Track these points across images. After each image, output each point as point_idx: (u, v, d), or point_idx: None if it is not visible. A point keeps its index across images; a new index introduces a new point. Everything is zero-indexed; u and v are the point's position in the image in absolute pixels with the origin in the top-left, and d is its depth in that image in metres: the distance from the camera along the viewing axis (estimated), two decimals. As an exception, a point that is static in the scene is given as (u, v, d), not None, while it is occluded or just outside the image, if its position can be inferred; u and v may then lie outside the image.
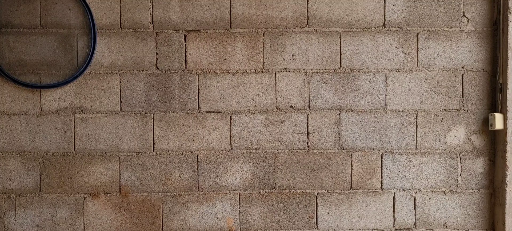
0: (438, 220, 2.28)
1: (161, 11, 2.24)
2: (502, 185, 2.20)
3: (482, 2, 2.25)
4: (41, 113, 2.25)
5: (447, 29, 2.25)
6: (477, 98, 2.26)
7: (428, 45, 2.25)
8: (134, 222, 2.28)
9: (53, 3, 2.24)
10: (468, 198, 2.28)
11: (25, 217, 2.28)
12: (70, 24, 2.24)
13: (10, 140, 2.26)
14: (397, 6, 2.23)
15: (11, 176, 2.27)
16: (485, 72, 2.26)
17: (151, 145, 2.27)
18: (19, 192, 2.27)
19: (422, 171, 2.27)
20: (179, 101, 2.25)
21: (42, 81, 2.24)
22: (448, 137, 2.26)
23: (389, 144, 2.26)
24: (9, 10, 2.24)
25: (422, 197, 2.28)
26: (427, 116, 2.26)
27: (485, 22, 2.25)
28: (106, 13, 2.24)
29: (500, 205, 2.22)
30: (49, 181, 2.27)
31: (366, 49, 2.25)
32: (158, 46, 2.25)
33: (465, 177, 2.27)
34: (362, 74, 2.24)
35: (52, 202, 2.27)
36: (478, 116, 2.26)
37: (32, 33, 2.24)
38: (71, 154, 2.26)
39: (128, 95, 2.25)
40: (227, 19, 2.25)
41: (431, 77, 2.26)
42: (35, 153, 2.26)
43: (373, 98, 2.24)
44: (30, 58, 2.24)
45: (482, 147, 2.27)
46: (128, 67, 2.24)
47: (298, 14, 2.24)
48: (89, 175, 2.27)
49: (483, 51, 2.25)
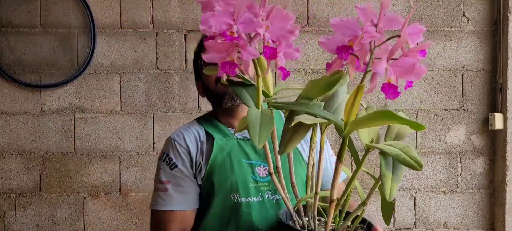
0: (438, 219, 2.28)
1: (161, 11, 2.24)
2: (502, 185, 2.20)
3: (482, 2, 2.25)
4: (41, 113, 2.25)
5: (447, 29, 2.25)
6: (477, 98, 2.26)
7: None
8: (134, 222, 2.28)
9: (53, 3, 2.24)
10: (468, 197, 2.28)
11: (25, 217, 2.28)
12: (70, 24, 2.24)
13: (10, 139, 2.26)
14: (397, 6, 2.23)
15: (11, 176, 2.27)
16: (485, 72, 2.26)
17: (151, 145, 2.27)
18: (19, 192, 2.27)
19: (422, 171, 2.27)
20: (179, 101, 2.25)
21: (42, 81, 2.24)
22: (448, 137, 2.27)
23: (389, 143, 2.25)
24: (9, 10, 2.24)
25: (422, 197, 2.28)
26: (427, 115, 2.26)
27: (485, 22, 2.25)
28: (106, 13, 2.24)
29: (500, 205, 2.22)
30: (49, 180, 2.27)
31: (366, 49, 2.24)
32: (158, 46, 2.25)
33: (465, 177, 2.28)
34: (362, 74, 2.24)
35: (52, 202, 2.27)
36: (478, 116, 2.26)
37: (32, 33, 2.24)
38: (71, 154, 2.26)
39: (128, 95, 2.25)
40: (227, 19, 2.24)
41: (431, 77, 2.26)
42: (35, 152, 2.26)
43: (373, 98, 2.24)
44: (30, 58, 2.24)
45: (482, 147, 2.27)
46: (128, 67, 2.24)
47: (298, 13, 2.24)
48: (89, 174, 2.27)
49: (483, 51, 2.25)
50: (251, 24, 0.75)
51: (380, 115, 0.77)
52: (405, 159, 0.75)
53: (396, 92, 0.72)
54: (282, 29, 0.78)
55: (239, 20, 0.75)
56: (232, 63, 0.77)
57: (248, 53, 0.76)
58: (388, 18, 0.74)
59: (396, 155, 0.76)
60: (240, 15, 0.75)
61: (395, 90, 0.72)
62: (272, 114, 0.80)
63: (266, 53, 0.76)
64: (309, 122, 0.78)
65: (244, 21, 0.75)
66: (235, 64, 0.77)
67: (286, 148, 0.81)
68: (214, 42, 0.75)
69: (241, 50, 0.76)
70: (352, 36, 0.72)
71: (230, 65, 0.77)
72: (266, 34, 0.76)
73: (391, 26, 0.75)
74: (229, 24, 0.75)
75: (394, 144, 0.80)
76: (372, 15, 0.74)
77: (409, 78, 0.73)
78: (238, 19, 0.75)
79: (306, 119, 0.78)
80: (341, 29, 0.73)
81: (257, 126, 0.77)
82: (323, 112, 0.80)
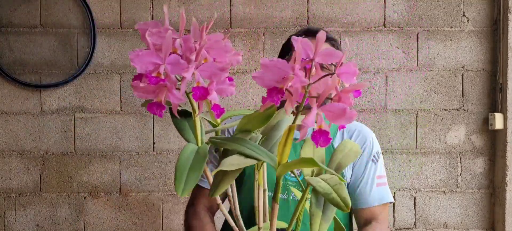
0: (438, 219, 2.28)
1: (161, 11, 2.23)
2: (502, 184, 2.20)
3: (482, 2, 2.25)
4: (41, 113, 2.25)
5: (447, 29, 2.25)
6: (477, 98, 2.26)
7: (428, 45, 2.25)
8: (134, 222, 2.28)
9: (53, 3, 2.24)
10: (468, 197, 2.28)
11: (25, 217, 2.28)
12: (70, 24, 2.24)
13: (10, 139, 2.26)
14: (397, 6, 2.23)
15: (11, 176, 2.27)
16: (485, 72, 2.26)
17: (151, 145, 2.27)
18: (19, 192, 2.27)
19: (422, 171, 2.27)
20: (179, 101, 2.25)
21: (42, 81, 2.24)
22: (448, 137, 2.26)
23: (389, 143, 2.25)
24: (9, 10, 2.24)
25: (422, 197, 2.28)
26: (427, 115, 2.26)
27: (485, 22, 2.25)
28: (106, 13, 2.24)
29: (500, 205, 2.22)
30: (49, 180, 2.27)
31: (366, 48, 2.25)
32: (158, 46, 2.24)
33: (465, 177, 2.28)
34: (362, 74, 2.24)
35: (52, 202, 2.27)
36: (478, 116, 2.26)
37: (32, 33, 2.24)
38: (71, 154, 2.26)
39: (128, 95, 2.25)
40: (227, 19, 2.25)
41: (431, 77, 2.26)
42: (35, 152, 2.26)
43: (373, 98, 2.24)
44: (30, 58, 2.24)
45: (482, 146, 2.27)
46: (128, 67, 2.24)
47: (298, 13, 2.24)
48: (89, 174, 2.27)
49: (483, 51, 2.25)
50: (177, 66, 0.69)
51: (305, 161, 0.76)
52: (334, 198, 0.72)
53: (328, 139, 0.69)
54: (213, 67, 0.72)
55: (167, 60, 0.68)
56: (159, 105, 0.71)
57: (173, 98, 0.70)
58: (325, 53, 0.71)
59: (327, 193, 0.73)
60: (168, 54, 0.68)
61: (327, 136, 0.69)
62: (206, 153, 0.75)
63: (195, 95, 0.70)
64: (234, 168, 0.74)
65: (171, 62, 0.69)
66: (163, 106, 0.71)
67: (216, 192, 0.77)
68: (137, 84, 0.69)
69: (168, 93, 0.70)
70: (283, 77, 0.69)
71: (157, 106, 0.71)
72: (196, 73, 0.70)
73: (327, 60, 0.72)
74: (156, 64, 0.68)
75: (328, 180, 0.76)
76: (308, 50, 0.72)
77: (340, 123, 0.69)
78: (166, 58, 0.68)
79: (231, 164, 0.74)
80: (272, 70, 0.69)
81: (185, 170, 0.71)
82: (257, 151, 0.76)
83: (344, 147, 0.91)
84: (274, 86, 0.70)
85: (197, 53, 0.71)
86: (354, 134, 1.49)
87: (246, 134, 0.82)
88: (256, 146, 0.78)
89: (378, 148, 1.51)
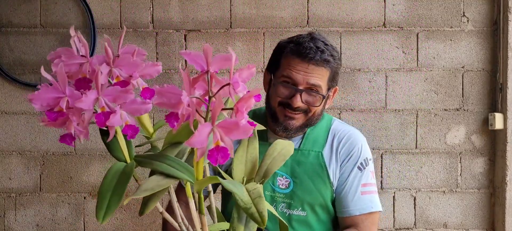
0: (438, 219, 2.28)
1: (161, 11, 2.24)
2: (502, 184, 2.20)
3: (482, 2, 2.25)
4: (41, 113, 2.25)
5: (447, 29, 2.25)
6: (477, 98, 2.26)
7: (428, 45, 2.25)
8: (134, 222, 2.28)
9: (53, 3, 2.24)
10: (468, 197, 2.28)
11: (25, 217, 2.28)
12: (70, 24, 2.24)
13: (10, 139, 2.26)
14: (397, 6, 2.23)
15: (11, 175, 2.27)
16: (485, 72, 2.25)
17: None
18: (19, 192, 2.28)
19: (422, 171, 2.27)
20: (179, 101, 2.25)
21: (43, 81, 2.24)
22: (448, 137, 2.26)
23: (389, 143, 2.26)
24: (9, 10, 2.24)
25: (422, 197, 2.28)
26: (427, 115, 2.26)
27: (485, 22, 2.25)
28: (106, 13, 2.24)
29: (500, 205, 2.22)
30: (49, 180, 2.27)
31: (366, 49, 2.25)
32: (158, 46, 2.25)
33: (465, 177, 2.28)
34: (362, 74, 2.24)
35: (52, 202, 2.28)
36: (478, 116, 2.26)
37: (32, 33, 2.24)
38: (71, 154, 2.26)
39: (128, 95, 2.25)
40: (227, 19, 2.25)
41: (431, 77, 2.25)
42: (35, 152, 2.26)
43: (373, 98, 2.24)
44: (30, 58, 2.24)
45: (482, 146, 2.27)
46: (128, 67, 2.24)
47: (298, 13, 2.24)
48: (89, 174, 2.27)
49: (483, 51, 2.25)
50: (73, 97, 0.68)
51: (211, 178, 0.78)
52: (253, 213, 0.71)
53: (227, 154, 0.67)
54: (116, 90, 0.71)
55: (67, 92, 0.66)
56: (70, 137, 0.69)
57: (76, 130, 0.68)
58: (217, 60, 0.71)
59: (247, 208, 0.72)
60: (65, 85, 0.67)
61: (226, 153, 0.67)
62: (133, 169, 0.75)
63: (98, 121, 0.69)
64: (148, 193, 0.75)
65: (71, 95, 0.67)
66: (73, 137, 0.69)
67: (144, 211, 0.78)
68: (45, 119, 0.68)
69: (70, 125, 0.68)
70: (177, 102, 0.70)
71: (70, 138, 0.69)
72: (101, 99, 0.69)
73: (222, 66, 0.72)
74: (57, 99, 0.68)
75: (252, 191, 0.75)
76: (200, 62, 0.70)
77: (238, 137, 0.68)
78: (65, 90, 0.66)
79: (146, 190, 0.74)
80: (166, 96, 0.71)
81: (107, 194, 0.71)
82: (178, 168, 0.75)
83: (273, 150, 0.91)
84: (172, 112, 0.73)
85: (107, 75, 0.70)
86: (342, 140, 1.47)
87: (176, 146, 0.82)
88: (179, 162, 0.77)
89: (367, 155, 1.48)
